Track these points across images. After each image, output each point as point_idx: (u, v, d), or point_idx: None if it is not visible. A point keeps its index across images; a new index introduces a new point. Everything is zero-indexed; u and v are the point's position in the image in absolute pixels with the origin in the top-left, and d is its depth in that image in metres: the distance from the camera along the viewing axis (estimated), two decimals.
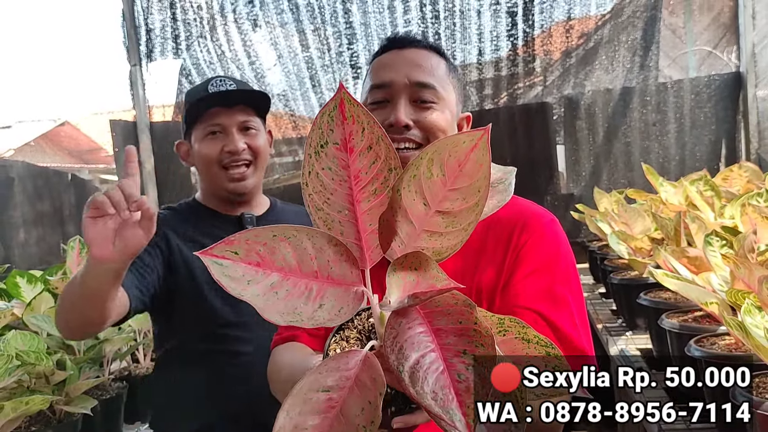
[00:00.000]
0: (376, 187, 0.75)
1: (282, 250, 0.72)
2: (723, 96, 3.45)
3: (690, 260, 1.72)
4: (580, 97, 3.60)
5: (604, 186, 3.52)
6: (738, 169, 2.82)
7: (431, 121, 1.13)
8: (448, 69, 1.18)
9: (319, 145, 0.73)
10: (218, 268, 0.68)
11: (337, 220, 0.76)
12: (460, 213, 0.74)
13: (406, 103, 1.14)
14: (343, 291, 0.74)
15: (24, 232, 2.98)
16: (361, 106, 0.72)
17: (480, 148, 0.70)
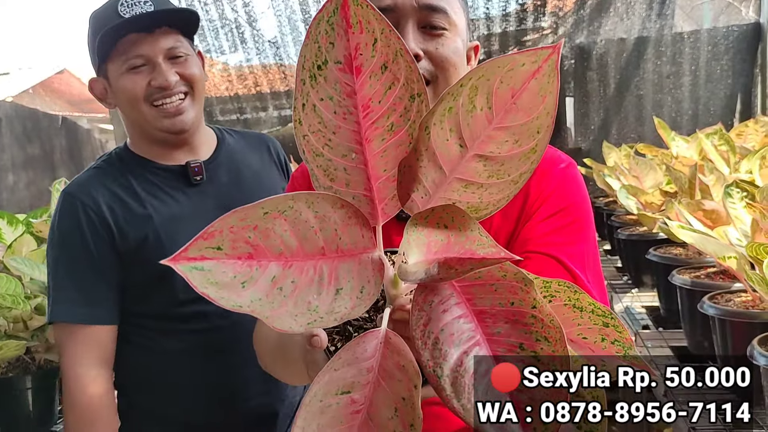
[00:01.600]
0: (393, 120, 0.57)
1: (278, 230, 0.53)
2: (740, 48, 3.30)
3: (706, 213, 1.64)
4: (593, 47, 3.45)
5: (613, 140, 3.40)
6: (754, 124, 2.73)
7: (443, 53, 0.99)
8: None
9: (316, 66, 0.55)
10: (200, 276, 0.49)
11: (341, 167, 0.59)
12: (510, 159, 0.56)
13: (415, 29, 0.97)
14: (357, 263, 0.57)
15: (13, 175, 2.89)
16: (373, 8, 0.53)
17: (544, 74, 0.52)
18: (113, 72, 1.27)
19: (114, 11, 1.25)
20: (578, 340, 0.60)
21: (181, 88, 1.27)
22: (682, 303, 1.69)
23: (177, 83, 1.26)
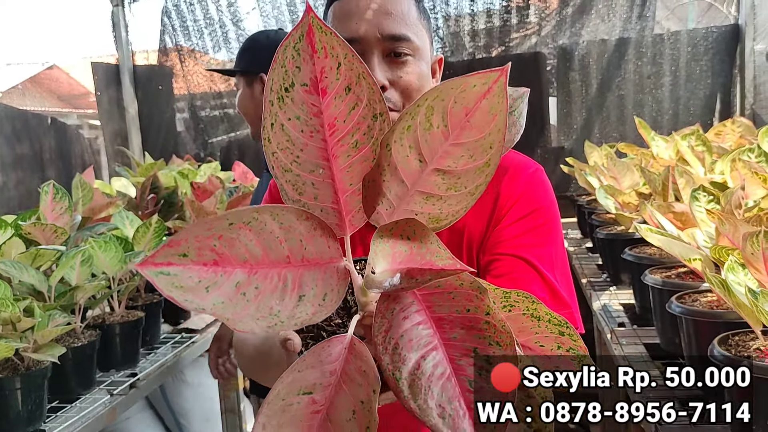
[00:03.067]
0: (357, 138, 0.61)
1: (243, 240, 0.55)
2: (720, 49, 3.36)
3: (676, 215, 1.69)
4: (575, 48, 3.50)
5: (595, 139, 3.46)
6: (731, 125, 2.78)
7: (408, 80, 1.03)
8: (419, 11, 1.08)
9: (283, 88, 0.58)
10: (165, 279, 0.51)
11: (309, 182, 0.63)
12: (466, 173, 0.61)
13: (380, 59, 1.03)
14: (323, 272, 0.60)
15: (2, 175, 2.92)
16: (336, 35, 0.57)
17: (494, 94, 0.56)
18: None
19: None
20: (535, 347, 0.65)
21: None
22: (654, 302, 1.74)
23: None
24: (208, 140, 4.13)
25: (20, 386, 1.47)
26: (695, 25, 3.52)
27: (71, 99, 16.20)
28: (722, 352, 1.17)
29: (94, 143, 5.44)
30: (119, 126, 4.00)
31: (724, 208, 1.42)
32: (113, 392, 1.73)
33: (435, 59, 1.16)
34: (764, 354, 1.13)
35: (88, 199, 2.40)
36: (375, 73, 1.02)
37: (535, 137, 3.57)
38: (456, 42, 3.68)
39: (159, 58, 4.11)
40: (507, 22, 3.59)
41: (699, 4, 3.65)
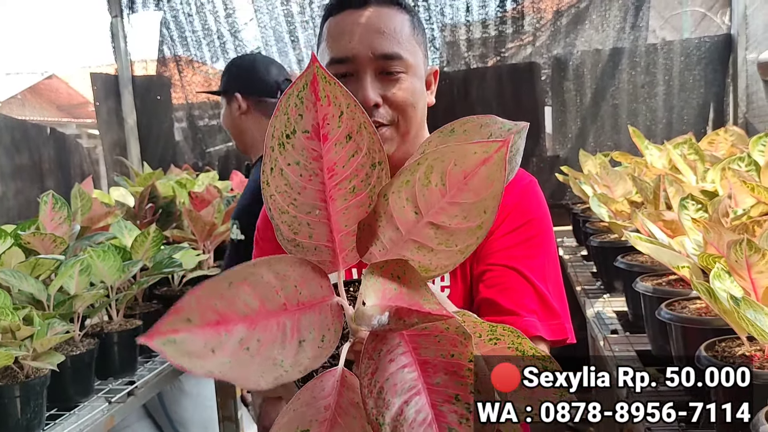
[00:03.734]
0: (355, 184, 0.63)
1: (242, 296, 0.56)
2: (713, 59, 3.40)
3: (666, 223, 1.71)
4: (569, 58, 3.54)
5: (590, 148, 3.49)
6: (724, 133, 2.81)
7: (401, 98, 1.07)
8: (413, 26, 1.11)
9: (285, 135, 0.60)
10: (173, 348, 0.51)
11: (305, 222, 0.64)
12: (458, 232, 0.63)
13: (372, 77, 1.06)
14: (318, 313, 0.61)
15: (2, 185, 2.95)
16: (340, 85, 0.59)
17: (494, 163, 0.59)
18: None
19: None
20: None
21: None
22: (645, 309, 1.77)
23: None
24: (206, 150, 4.16)
25: (19, 394, 1.49)
26: (689, 34, 3.56)
27: (70, 108, 16.26)
28: (708, 357, 1.19)
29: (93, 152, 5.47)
30: (118, 136, 4.03)
31: (712, 217, 1.45)
32: (111, 400, 1.75)
33: (430, 71, 1.19)
34: (749, 360, 1.16)
35: (87, 208, 2.42)
36: (367, 91, 1.05)
37: (530, 146, 3.60)
38: (452, 52, 3.71)
39: (158, 68, 4.15)
40: (502, 33, 3.63)
41: (693, 14, 3.69)
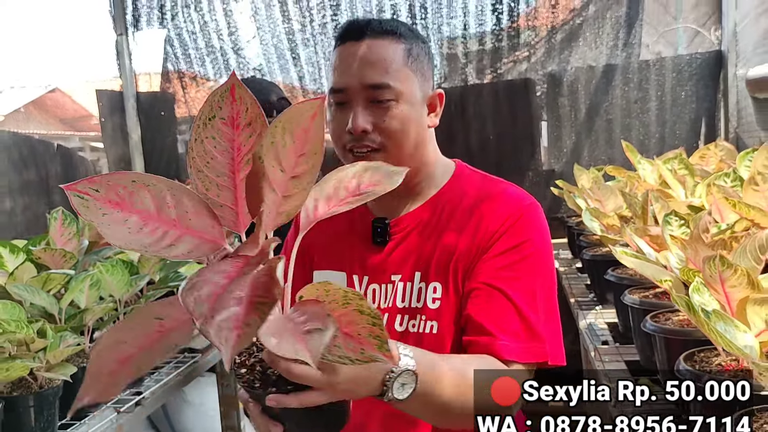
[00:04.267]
0: (249, 158, 0.83)
1: (141, 195, 0.80)
2: (704, 75, 3.48)
3: (652, 238, 1.78)
4: (563, 74, 3.62)
5: (585, 162, 3.56)
6: (714, 148, 2.87)
7: (390, 125, 1.16)
8: (407, 54, 1.19)
9: (208, 117, 0.81)
10: (79, 202, 0.77)
11: (215, 183, 0.84)
12: (305, 175, 0.82)
13: (363, 106, 1.16)
14: (201, 241, 0.83)
15: (10, 200, 3.02)
16: (247, 90, 0.79)
17: (319, 114, 0.79)
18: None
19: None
20: (356, 336, 0.80)
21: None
22: (633, 320, 1.84)
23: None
24: None
25: (33, 404, 1.56)
26: (682, 50, 3.65)
27: (73, 121, 16.38)
28: (687, 367, 1.26)
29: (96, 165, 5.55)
30: (123, 151, 4.12)
31: (693, 233, 1.52)
32: (120, 410, 1.82)
33: (434, 94, 1.25)
34: (725, 368, 1.23)
35: None
36: (356, 120, 1.14)
37: (526, 160, 3.68)
38: (449, 68, 3.80)
39: (161, 84, 4.24)
40: (498, 50, 3.72)
41: (686, 29, 3.78)
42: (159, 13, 4.08)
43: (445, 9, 3.76)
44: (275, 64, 3.96)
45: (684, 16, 3.79)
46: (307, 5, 3.89)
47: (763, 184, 1.72)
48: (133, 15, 4.09)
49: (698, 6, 3.75)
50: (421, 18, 3.79)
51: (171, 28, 4.10)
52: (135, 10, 4.08)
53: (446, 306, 1.19)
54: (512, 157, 3.68)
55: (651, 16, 3.75)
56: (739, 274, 1.14)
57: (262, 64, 4.00)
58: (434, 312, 1.19)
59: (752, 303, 1.13)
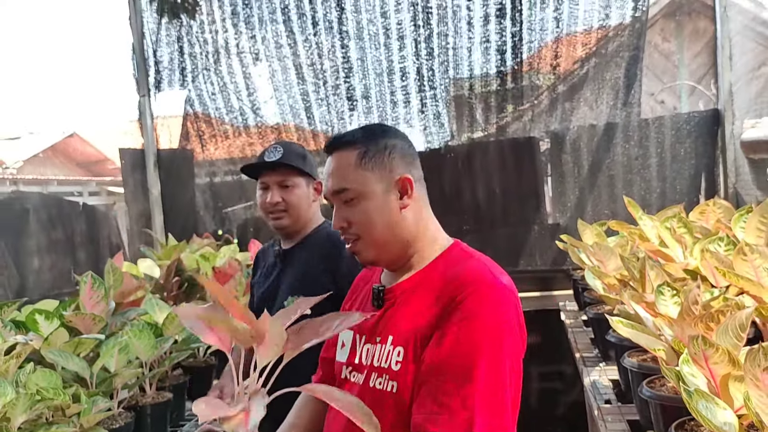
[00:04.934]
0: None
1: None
2: (702, 132, 3.61)
3: (648, 305, 1.88)
4: (566, 133, 3.78)
5: (588, 216, 3.68)
6: (713, 205, 2.96)
7: (358, 220, 1.37)
8: (360, 157, 1.37)
9: None
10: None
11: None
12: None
13: (338, 207, 1.40)
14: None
15: (38, 259, 3.17)
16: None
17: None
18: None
19: (262, 154, 2.12)
20: None
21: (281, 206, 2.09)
22: (632, 383, 1.93)
23: (278, 203, 2.08)
24: (225, 218, 4.39)
25: None
26: (680, 107, 3.79)
27: (89, 166, 16.71)
28: None
29: (111, 209, 5.70)
30: (143, 207, 4.29)
31: (683, 305, 1.62)
32: None
33: (398, 179, 1.38)
34: None
35: (119, 283, 2.63)
36: (335, 221, 1.41)
37: (531, 214, 3.81)
38: (457, 127, 3.98)
39: (181, 142, 4.42)
40: (503, 110, 3.89)
41: (684, 86, 3.93)
42: (180, 76, 4.29)
43: (452, 70, 3.94)
44: (291, 123, 4.15)
45: (686, 70, 3.95)
46: (321, 68, 4.09)
47: (751, 255, 1.83)
48: (155, 77, 4.30)
49: (696, 60, 3.90)
50: (428, 79, 3.97)
51: (192, 89, 4.31)
52: (157, 72, 4.30)
53: (405, 369, 1.28)
54: (518, 211, 3.82)
55: (648, 74, 3.91)
56: (720, 352, 1.25)
57: (278, 122, 4.19)
58: (395, 373, 1.29)
59: (733, 380, 1.23)
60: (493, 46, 3.86)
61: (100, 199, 12.37)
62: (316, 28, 4.13)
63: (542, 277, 3.83)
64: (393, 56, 4.01)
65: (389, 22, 4.01)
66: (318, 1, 4.10)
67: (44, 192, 3.95)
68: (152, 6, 4.36)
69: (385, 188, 1.37)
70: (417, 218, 1.39)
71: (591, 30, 3.79)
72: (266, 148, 2.14)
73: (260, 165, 2.09)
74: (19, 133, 16.79)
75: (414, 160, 1.42)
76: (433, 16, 3.95)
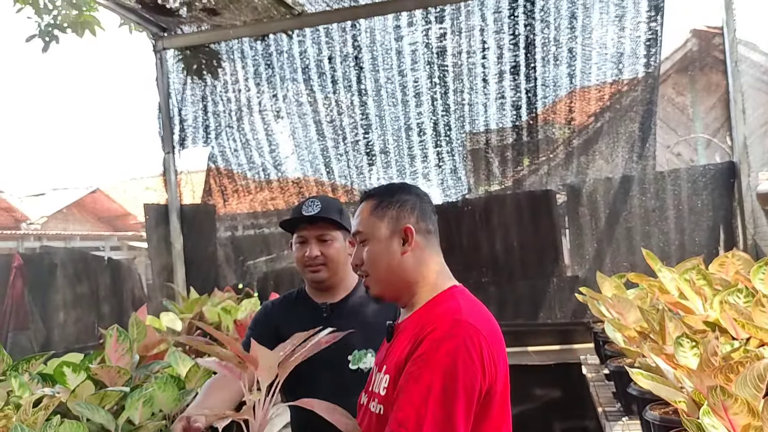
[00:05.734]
0: None
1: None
2: (718, 184, 3.63)
3: (668, 357, 1.89)
4: (582, 186, 3.82)
5: (607, 268, 3.68)
6: (732, 257, 2.96)
7: (366, 258, 1.59)
8: (374, 207, 1.60)
9: None
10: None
11: None
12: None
13: (357, 247, 1.63)
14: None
15: (63, 313, 3.23)
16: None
17: None
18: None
19: (299, 208, 2.16)
20: None
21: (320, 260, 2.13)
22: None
23: (317, 257, 2.12)
24: (246, 271, 4.45)
25: None
26: (696, 159, 3.83)
27: (112, 220, 16.99)
28: None
29: (132, 263, 5.78)
30: (166, 261, 4.36)
31: (702, 356, 1.63)
32: None
33: (402, 228, 1.59)
34: None
35: (143, 336, 2.68)
36: (353, 257, 1.65)
37: (550, 267, 3.82)
38: (474, 181, 4.04)
39: (203, 197, 4.52)
40: (519, 164, 3.95)
41: (699, 139, 3.97)
42: (204, 133, 4.43)
43: (468, 126, 4.04)
44: (311, 178, 4.24)
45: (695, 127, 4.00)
46: (341, 125, 4.21)
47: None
48: (180, 135, 4.44)
49: (710, 114, 3.95)
50: (445, 134, 4.07)
51: (215, 145, 4.44)
52: (182, 130, 4.44)
53: (389, 394, 1.47)
54: (537, 264, 3.83)
55: (663, 127, 3.97)
56: (740, 403, 1.26)
57: (299, 177, 4.28)
58: (382, 397, 1.49)
59: (753, 430, 1.24)
60: (508, 102, 3.96)
61: (121, 254, 12.55)
62: (335, 86, 4.27)
63: (562, 330, 3.81)
64: (410, 112, 4.12)
65: (406, 80, 4.13)
66: (337, 61, 4.25)
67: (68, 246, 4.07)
68: (178, 67, 4.54)
69: (390, 235, 1.58)
70: (418, 263, 1.58)
71: (604, 85, 3.88)
72: (303, 202, 2.18)
73: (299, 219, 2.14)
74: (44, 190, 17.16)
75: (423, 215, 1.61)
76: (449, 74, 4.07)
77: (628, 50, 3.74)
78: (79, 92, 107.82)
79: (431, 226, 1.62)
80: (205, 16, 4.21)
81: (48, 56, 20.82)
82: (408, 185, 1.70)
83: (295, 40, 4.31)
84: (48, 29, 4.95)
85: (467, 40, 3.97)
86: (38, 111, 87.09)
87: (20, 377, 2.17)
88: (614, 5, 3.73)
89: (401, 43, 4.11)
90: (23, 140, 70.19)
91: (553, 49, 3.85)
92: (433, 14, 4.04)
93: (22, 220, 14.46)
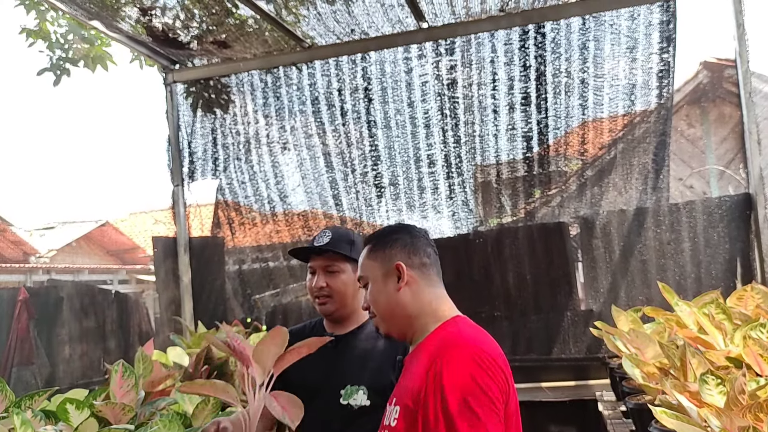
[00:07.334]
0: None
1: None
2: (734, 216, 3.57)
3: (692, 394, 1.82)
4: (596, 218, 3.77)
5: (622, 302, 3.61)
6: (750, 290, 2.90)
7: (370, 299, 1.69)
8: (370, 251, 1.72)
9: None
10: None
11: None
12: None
13: (364, 290, 1.73)
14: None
15: (69, 348, 3.18)
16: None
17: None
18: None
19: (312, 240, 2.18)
20: None
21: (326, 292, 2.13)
22: None
23: (323, 288, 2.12)
24: (254, 305, 4.40)
25: None
26: (717, 184, 3.79)
27: (120, 254, 17.01)
28: None
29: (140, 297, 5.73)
30: (174, 294, 4.32)
31: (729, 394, 1.56)
32: None
33: (392, 266, 1.66)
34: None
35: (149, 371, 2.62)
36: (363, 300, 1.75)
37: (564, 301, 3.75)
38: (485, 213, 3.99)
39: (212, 230, 4.49)
40: (531, 196, 3.91)
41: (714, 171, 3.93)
42: (213, 165, 4.42)
43: (479, 157, 4.01)
44: (318, 210, 4.21)
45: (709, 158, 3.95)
46: (350, 157, 4.18)
47: None
48: (189, 167, 4.43)
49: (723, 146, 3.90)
50: (456, 166, 4.04)
51: (223, 177, 4.42)
52: (191, 163, 4.44)
53: (400, 425, 1.52)
54: (550, 297, 3.76)
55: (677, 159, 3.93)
56: None
57: (306, 210, 4.25)
58: (392, 429, 1.54)
59: None
60: (519, 133, 3.94)
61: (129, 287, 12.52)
62: (344, 118, 4.26)
63: (577, 366, 3.72)
64: (420, 144, 4.10)
65: (416, 112, 4.12)
66: (347, 93, 4.25)
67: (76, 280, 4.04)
68: (188, 101, 4.55)
69: (384, 274, 1.67)
70: (414, 297, 1.65)
71: (617, 116, 3.86)
72: (319, 233, 2.20)
73: (308, 249, 2.17)
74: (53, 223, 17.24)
75: (415, 250, 1.69)
76: (459, 106, 4.06)
77: (640, 81, 3.72)
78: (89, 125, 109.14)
79: (426, 258, 1.69)
80: (216, 49, 4.23)
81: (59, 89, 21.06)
82: (402, 225, 1.82)
83: (305, 72, 4.32)
84: (60, 62, 4.99)
85: (478, 72, 3.96)
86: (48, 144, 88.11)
87: (23, 414, 2.11)
88: (625, 36, 3.72)
89: (411, 75, 4.11)
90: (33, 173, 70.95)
91: (565, 81, 3.83)
92: (443, 46, 4.04)
93: (31, 254, 14.49)
